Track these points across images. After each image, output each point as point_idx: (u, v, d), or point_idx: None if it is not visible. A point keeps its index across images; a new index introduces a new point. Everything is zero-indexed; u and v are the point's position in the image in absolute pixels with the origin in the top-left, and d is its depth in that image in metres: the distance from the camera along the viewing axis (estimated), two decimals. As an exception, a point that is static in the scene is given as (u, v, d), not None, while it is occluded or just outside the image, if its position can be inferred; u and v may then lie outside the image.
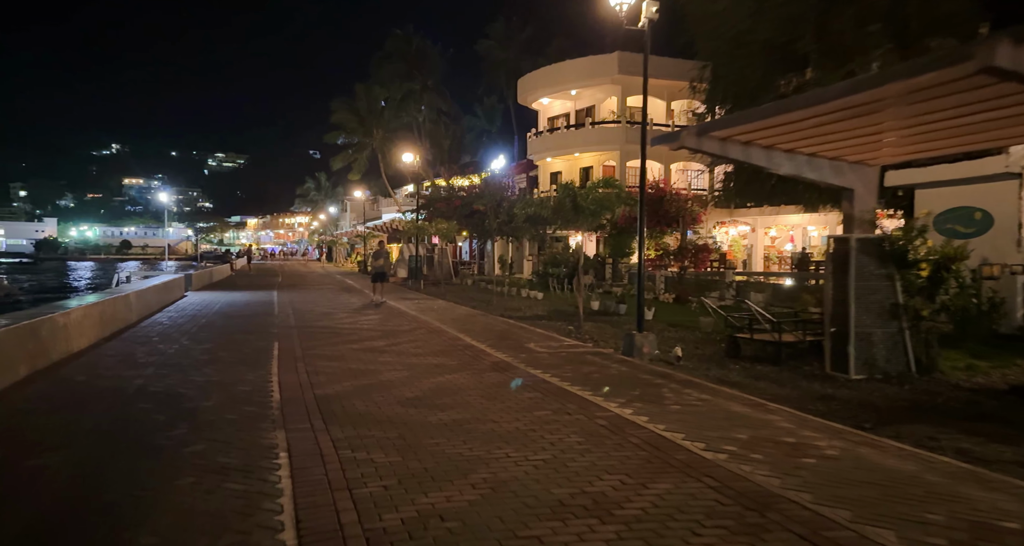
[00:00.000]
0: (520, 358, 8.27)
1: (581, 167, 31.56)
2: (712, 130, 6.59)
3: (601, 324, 12.23)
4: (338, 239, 64.01)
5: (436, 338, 10.29)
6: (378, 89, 43.67)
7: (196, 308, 15.18)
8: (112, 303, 10.47)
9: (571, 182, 10.77)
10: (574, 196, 10.57)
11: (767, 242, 31.85)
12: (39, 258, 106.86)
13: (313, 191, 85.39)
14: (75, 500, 3.56)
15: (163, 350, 8.78)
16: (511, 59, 46.60)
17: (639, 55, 28.10)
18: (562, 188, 10.75)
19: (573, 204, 10.67)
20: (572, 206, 10.71)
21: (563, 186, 10.77)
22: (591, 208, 10.57)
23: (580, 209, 10.65)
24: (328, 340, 10.02)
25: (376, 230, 44.71)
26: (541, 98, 32.62)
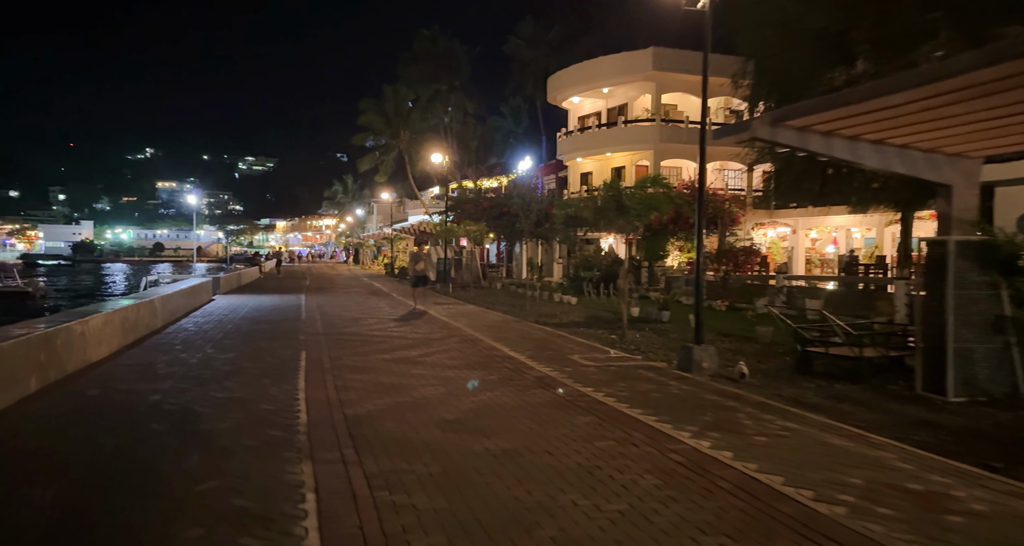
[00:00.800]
0: (566, 372, 7.54)
1: (612, 167, 30.68)
2: (790, 118, 5.80)
3: (645, 333, 11.44)
4: (364, 241, 64.04)
5: (471, 348, 9.62)
6: (405, 90, 43.39)
7: (223, 313, 14.79)
8: (135, 309, 10.04)
9: (616, 180, 10.06)
10: (619, 195, 9.84)
11: (807, 244, 30.53)
12: (76, 260, 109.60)
13: (340, 194, 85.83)
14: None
15: (185, 360, 8.27)
16: (539, 59, 45.93)
17: (675, 50, 27.20)
18: (606, 187, 10.04)
19: (618, 204, 9.93)
20: (616, 206, 9.97)
21: (607, 185, 10.06)
22: (637, 208, 9.82)
23: (625, 209, 9.91)
24: (357, 349, 9.44)
25: (402, 232, 44.42)
26: (571, 97, 31.85)
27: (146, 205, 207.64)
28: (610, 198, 9.98)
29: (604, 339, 10.56)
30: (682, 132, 27.79)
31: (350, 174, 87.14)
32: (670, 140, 27.64)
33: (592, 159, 31.34)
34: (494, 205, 27.03)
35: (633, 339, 10.39)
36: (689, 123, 27.93)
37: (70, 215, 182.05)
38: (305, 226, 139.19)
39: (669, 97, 28.53)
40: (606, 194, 10.17)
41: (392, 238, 45.26)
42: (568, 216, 17.10)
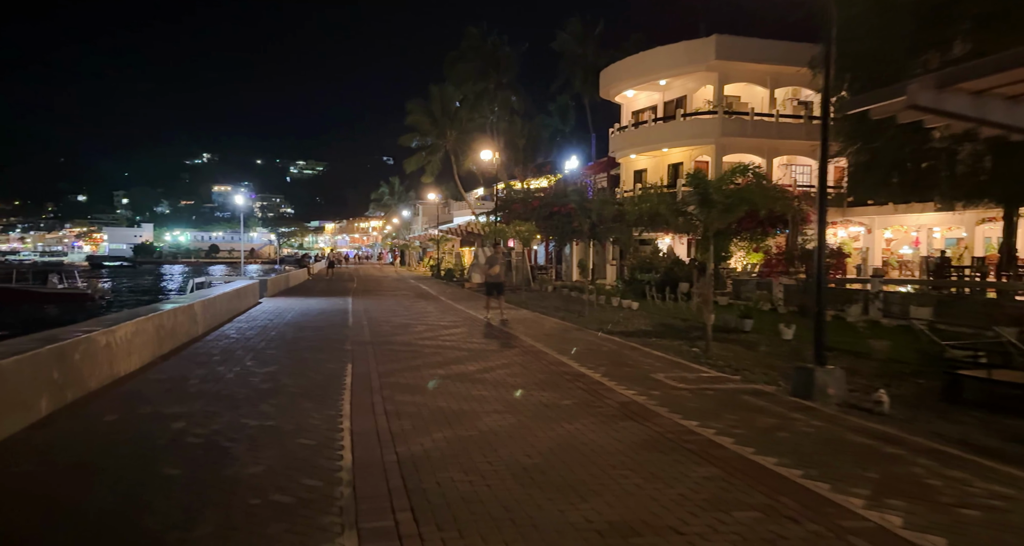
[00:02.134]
0: (654, 396, 6.32)
1: (669, 164, 29.12)
2: (967, 78, 4.45)
3: (728, 344, 10.07)
4: (410, 243, 63.89)
5: (535, 362, 8.49)
6: (452, 89, 42.69)
7: (268, 317, 14.12)
8: (172, 315, 9.32)
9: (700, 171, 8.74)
10: (706, 188, 8.54)
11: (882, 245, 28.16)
12: (136, 262, 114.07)
13: (387, 196, 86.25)
14: None
15: (221, 375, 7.43)
16: (587, 55, 44.59)
17: (739, 38, 25.43)
18: (692, 178, 8.74)
19: (703, 198, 8.63)
20: (701, 200, 8.67)
21: (692, 176, 8.76)
22: (727, 202, 8.50)
23: (711, 204, 8.60)
24: (408, 362, 8.44)
25: (448, 233, 43.75)
26: (626, 90, 30.40)
27: (202, 208, 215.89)
28: (694, 191, 8.70)
29: (684, 353, 9.26)
30: (746, 125, 26.01)
31: (396, 176, 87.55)
32: (733, 134, 25.89)
33: (647, 155, 29.81)
34: (544, 204, 25.87)
35: (719, 354, 9.05)
36: (755, 115, 26.11)
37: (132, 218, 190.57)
38: (352, 228, 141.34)
39: (732, 88, 26.78)
40: (692, 186, 8.87)
41: (438, 239, 44.66)
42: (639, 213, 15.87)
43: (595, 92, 46.23)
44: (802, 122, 26.60)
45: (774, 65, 26.02)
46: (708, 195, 8.55)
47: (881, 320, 13.01)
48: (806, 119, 26.65)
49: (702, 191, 8.60)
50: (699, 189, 8.66)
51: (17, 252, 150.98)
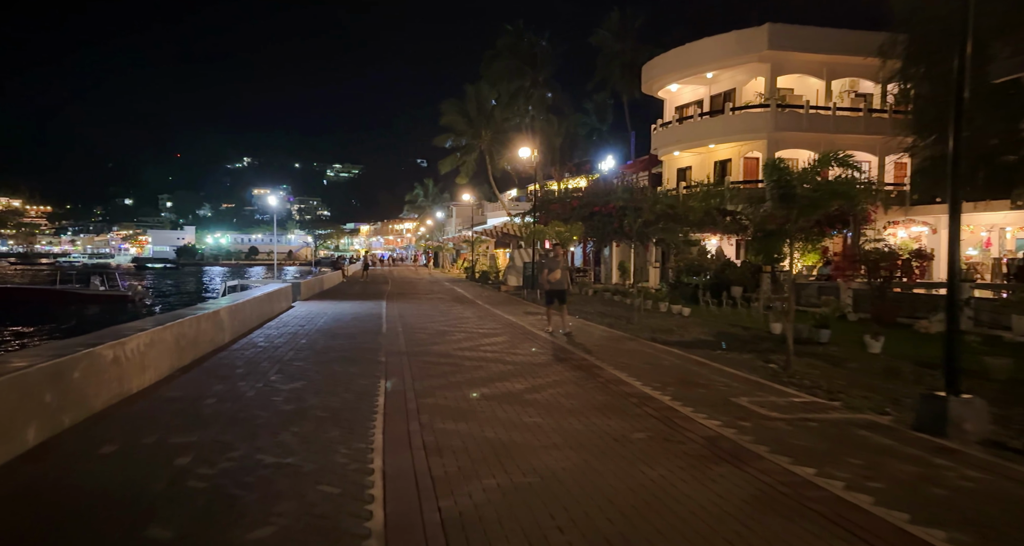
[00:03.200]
0: (744, 429, 5.26)
1: (716, 161, 27.73)
2: None
3: (808, 359, 8.89)
4: (444, 245, 63.43)
5: (590, 379, 7.49)
6: (487, 88, 42.01)
7: (299, 323, 13.46)
8: (194, 323, 8.64)
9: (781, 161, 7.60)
10: (788, 182, 7.42)
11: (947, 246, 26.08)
12: (179, 264, 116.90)
13: (421, 197, 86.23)
14: None
15: (241, 392, 6.65)
16: (626, 51, 43.29)
17: (793, 26, 23.86)
18: (769, 171, 7.62)
19: (784, 193, 7.51)
20: (782, 195, 7.55)
21: (771, 168, 7.63)
22: (812, 197, 7.36)
23: (793, 200, 7.48)
24: (448, 378, 7.53)
25: (483, 234, 42.99)
26: (669, 84, 29.09)
27: (243, 211, 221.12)
28: (774, 185, 7.59)
29: (760, 369, 8.13)
30: (801, 119, 24.45)
31: (431, 178, 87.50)
32: (786, 128, 24.38)
33: (692, 152, 28.45)
34: (584, 204, 24.81)
35: (802, 371, 7.90)
36: (810, 108, 24.53)
37: (176, 221, 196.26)
38: (387, 230, 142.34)
39: (784, 80, 25.25)
40: (768, 181, 7.75)
41: (472, 241, 43.94)
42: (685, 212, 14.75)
43: (634, 89, 44.89)
44: (860, 116, 24.93)
45: (830, 55, 24.46)
46: (791, 189, 7.42)
47: (972, 330, 11.58)
48: (865, 112, 24.96)
49: (784, 184, 7.47)
50: (780, 182, 7.53)
51: (68, 254, 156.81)
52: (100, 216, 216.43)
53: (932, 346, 9.89)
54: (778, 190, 7.64)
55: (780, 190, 7.59)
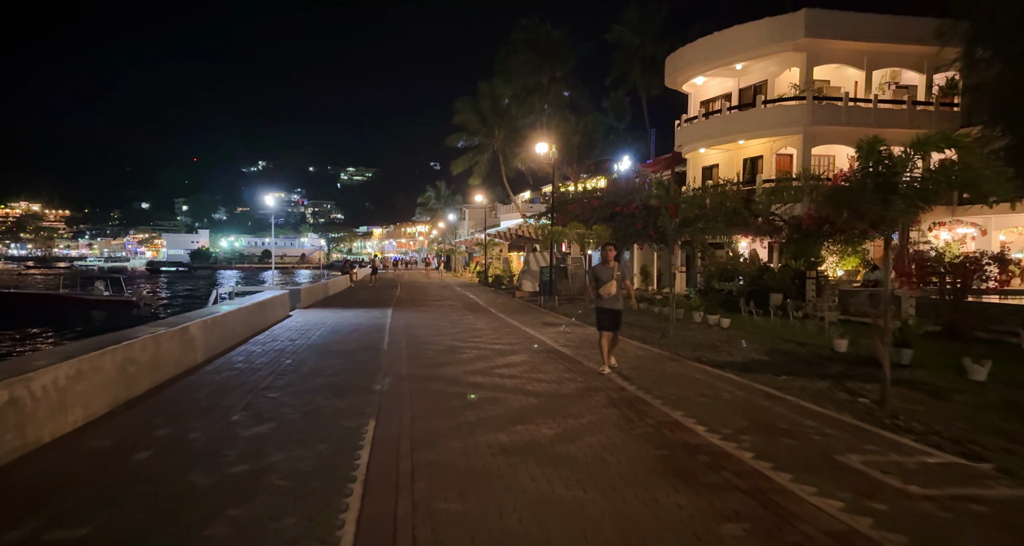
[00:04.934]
0: (882, 515, 3.63)
1: (745, 158, 25.94)
2: None
3: (895, 386, 7.19)
4: (456, 248, 62.04)
5: (637, 420, 5.88)
6: (501, 86, 40.51)
7: (291, 336, 11.98)
8: (151, 344, 7.16)
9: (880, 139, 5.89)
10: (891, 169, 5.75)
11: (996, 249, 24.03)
12: (193, 267, 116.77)
13: (433, 200, 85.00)
14: None
15: (187, 442, 5.13)
16: (646, 46, 41.69)
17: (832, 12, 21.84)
18: (867, 153, 5.95)
19: (879, 184, 5.86)
20: (876, 187, 5.90)
21: (867, 150, 5.96)
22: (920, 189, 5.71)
23: (893, 191, 5.83)
24: (456, 416, 5.97)
25: (497, 237, 41.48)
26: (694, 77, 27.34)
27: (257, 215, 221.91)
28: (869, 174, 5.90)
29: (845, 404, 6.47)
30: (839, 112, 22.61)
31: (443, 181, 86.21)
32: (824, 122, 22.54)
33: (719, 149, 26.67)
34: (605, 204, 23.15)
35: (904, 408, 6.23)
36: (850, 100, 22.70)
37: (191, 225, 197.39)
38: (400, 233, 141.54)
39: (820, 71, 23.43)
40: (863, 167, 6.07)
41: (485, 244, 42.44)
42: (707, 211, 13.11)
43: (653, 86, 43.14)
44: (904, 109, 23.03)
45: (872, 43, 22.61)
46: (894, 178, 5.77)
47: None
48: (909, 105, 23.07)
49: (878, 174, 5.82)
50: (879, 170, 5.88)
51: (85, 257, 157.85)
52: (117, 220, 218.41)
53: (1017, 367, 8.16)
54: (874, 179, 5.97)
55: (877, 179, 5.93)
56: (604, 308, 8.10)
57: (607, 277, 8.06)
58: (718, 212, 19.66)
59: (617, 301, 8.08)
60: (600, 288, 8.11)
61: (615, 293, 8.05)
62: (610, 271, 8.11)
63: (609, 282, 8.01)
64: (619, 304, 8.08)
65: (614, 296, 8.04)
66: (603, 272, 8.16)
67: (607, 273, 8.11)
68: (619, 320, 8.19)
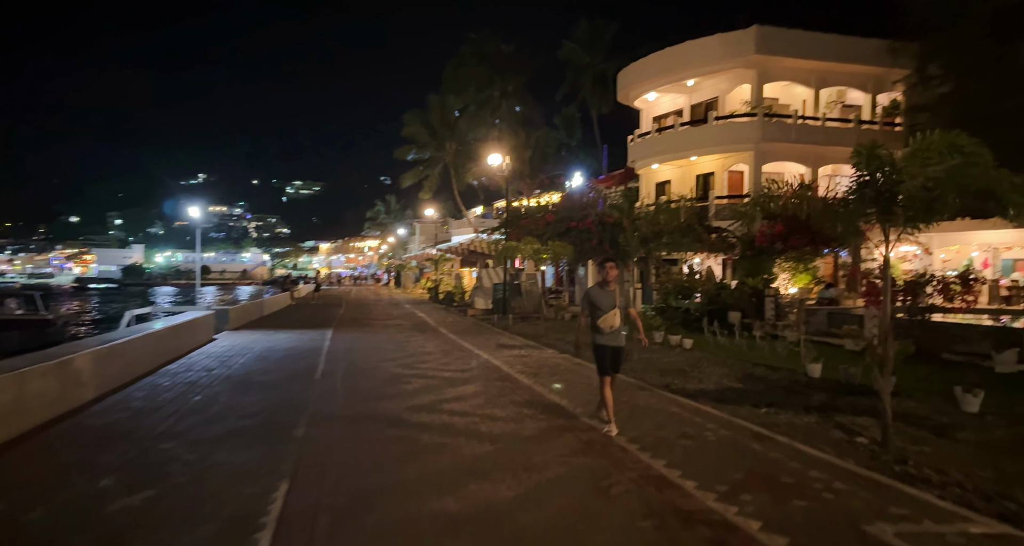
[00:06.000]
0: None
1: (698, 174, 25.79)
2: None
3: (901, 428, 6.48)
4: (406, 263, 60.41)
5: (614, 473, 4.88)
6: (452, 99, 39.64)
7: (210, 364, 10.52)
8: (9, 385, 5.72)
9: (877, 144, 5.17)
10: (890, 175, 5.04)
11: (938, 267, 24.56)
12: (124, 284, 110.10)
13: (383, 214, 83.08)
14: None
15: (20, 526, 3.81)
16: (596, 63, 41.73)
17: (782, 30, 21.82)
18: (863, 158, 5.19)
19: (882, 192, 5.14)
20: (878, 195, 5.17)
21: (863, 155, 5.20)
22: (925, 196, 5.01)
23: (894, 202, 5.13)
24: (393, 473, 4.82)
25: (448, 252, 40.29)
26: (647, 93, 27.18)
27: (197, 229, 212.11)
28: (865, 185, 5.15)
29: (843, 445, 5.68)
30: (789, 129, 22.70)
31: (394, 195, 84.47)
32: (774, 139, 22.58)
33: (672, 165, 26.48)
34: (560, 219, 22.44)
35: (907, 448, 5.48)
36: (799, 118, 22.84)
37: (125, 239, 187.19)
38: (348, 248, 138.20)
39: (770, 89, 23.54)
40: (859, 176, 5.32)
41: (436, 259, 41.18)
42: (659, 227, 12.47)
43: (604, 103, 43.19)
44: (851, 127, 23.36)
45: (820, 62, 22.89)
46: (897, 188, 5.06)
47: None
48: (855, 123, 23.43)
49: (882, 178, 5.11)
50: (876, 177, 5.16)
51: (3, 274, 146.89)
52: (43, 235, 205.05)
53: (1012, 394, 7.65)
54: (873, 187, 5.26)
55: (876, 188, 5.22)
56: (604, 345, 6.14)
57: (607, 305, 6.07)
58: (674, 228, 19.27)
59: (620, 336, 6.17)
60: (599, 319, 6.07)
61: (618, 326, 6.11)
62: (611, 296, 6.14)
63: (610, 311, 6.06)
64: (622, 339, 6.23)
65: (617, 330, 6.13)
66: (602, 298, 6.14)
67: (607, 299, 6.11)
68: (621, 359, 6.39)
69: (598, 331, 6.11)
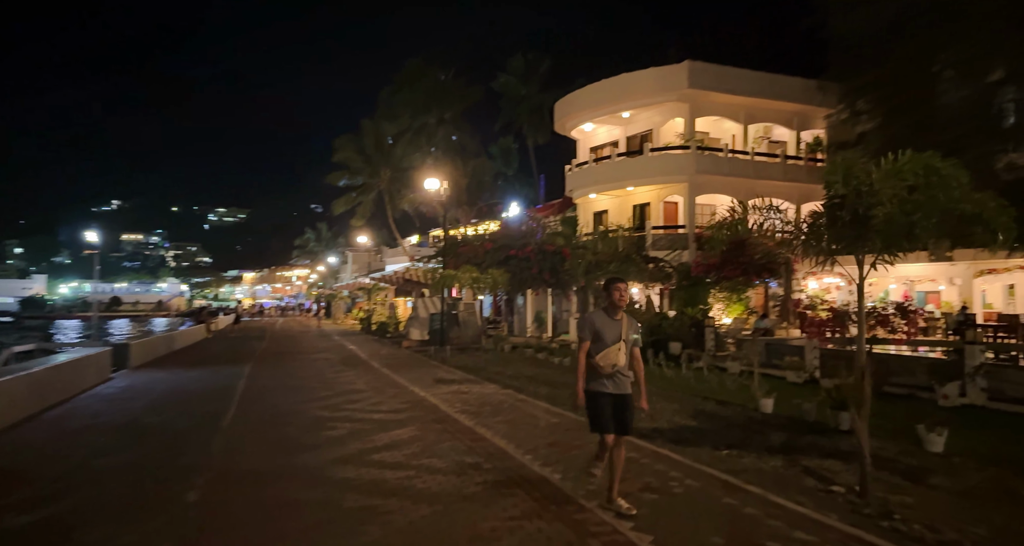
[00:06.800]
0: None
1: (635, 204, 25.99)
2: None
3: (852, 463, 6.07)
4: (337, 292, 58.13)
5: (578, 542, 4.12)
6: (387, 124, 38.84)
7: (97, 410, 9.05)
8: None
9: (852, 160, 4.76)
10: (867, 196, 4.65)
11: (858, 294, 25.47)
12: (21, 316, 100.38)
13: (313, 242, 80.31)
14: None
15: None
16: (532, 95, 42.23)
17: (713, 66, 22.50)
18: (841, 176, 4.78)
19: (855, 214, 4.78)
20: (854, 218, 4.81)
21: (841, 173, 4.81)
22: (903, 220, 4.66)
23: (866, 223, 4.76)
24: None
25: (382, 281, 38.90)
26: (583, 123, 27.38)
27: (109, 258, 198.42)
28: (843, 202, 4.78)
29: (817, 494, 5.17)
30: (721, 163, 23.26)
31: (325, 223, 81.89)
32: (707, 171, 23.05)
33: (609, 195, 26.61)
34: (499, 247, 21.89)
35: (885, 497, 5.03)
36: (730, 152, 23.47)
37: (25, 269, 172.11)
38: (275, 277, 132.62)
39: (701, 123, 24.16)
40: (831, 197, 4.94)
41: (369, 288, 39.66)
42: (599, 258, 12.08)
43: (540, 134, 43.62)
44: (778, 162, 24.24)
45: (749, 98, 23.73)
46: (871, 208, 4.70)
47: (986, 404, 9.51)
48: (782, 158, 24.34)
49: (864, 199, 4.73)
50: (852, 196, 4.79)
51: None
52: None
53: (995, 435, 7.51)
54: (849, 210, 4.88)
55: (854, 210, 4.84)
56: (604, 393, 4.57)
57: (612, 337, 4.58)
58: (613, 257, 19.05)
59: (624, 380, 4.63)
60: (598, 354, 4.55)
61: (622, 365, 4.59)
62: (617, 327, 4.63)
63: (614, 346, 4.55)
64: (627, 385, 4.65)
65: (621, 370, 4.59)
66: (608, 327, 4.61)
67: (613, 330, 4.61)
68: (630, 412, 4.63)
69: (596, 371, 4.58)
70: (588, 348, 4.61)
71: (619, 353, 4.56)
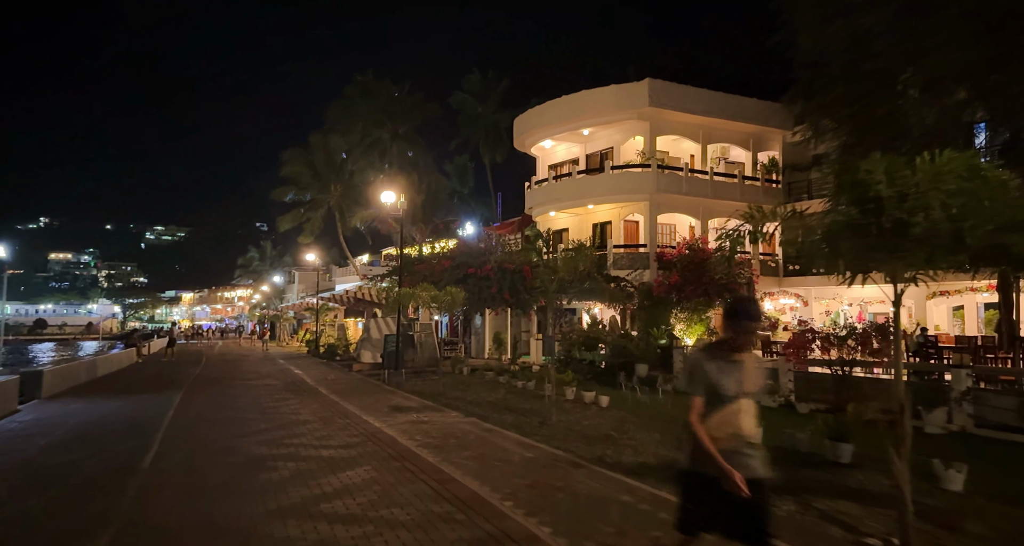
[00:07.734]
0: None
1: (595, 223, 25.62)
2: None
3: (870, 506, 5.44)
4: (283, 313, 55.54)
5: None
6: (337, 139, 37.51)
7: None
8: None
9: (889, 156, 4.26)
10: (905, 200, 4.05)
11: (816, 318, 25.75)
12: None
13: (257, 261, 77.02)
14: None
15: None
16: (488, 114, 41.79)
17: (673, 84, 22.28)
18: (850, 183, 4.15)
19: (903, 222, 4.16)
20: (897, 226, 4.19)
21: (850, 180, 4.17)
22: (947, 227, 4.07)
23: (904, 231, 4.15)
24: None
25: (331, 301, 37.14)
26: (543, 140, 26.97)
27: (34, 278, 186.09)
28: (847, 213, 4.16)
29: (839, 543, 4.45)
30: (681, 181, 23.16)
31: (270, 241, 78.76)
32: (668, 190, 22.89)
33: (569, 213, 26.15)
34: (456, 265, 20.96)
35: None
36: (690, 171, 23.41)
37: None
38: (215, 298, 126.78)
39: (661, 142, 24.08)
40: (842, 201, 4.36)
41: (317, 309, 37.80)
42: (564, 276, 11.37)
43: (497, 152, 43.17)
44: (736, 182, 24.36)
45: (707, 118, 23.83)
46: (915, 218, 4.09)
47: (975, 431, 9.16)
48: (740, 178, 24.47)
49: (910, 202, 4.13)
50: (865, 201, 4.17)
51: None
52: None
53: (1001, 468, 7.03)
54: (887, 216, 4.26)
55: (892, 214, 4.23)
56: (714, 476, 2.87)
57: (734, 389, 2.98)
58: (576, 276, 18.42)
59: (752, 457, 2.96)
60: (711, 416, 2.97)
61: (750, 435, 2.99)
62: (739, 373, 3.00)
63: (735, 403, 2.97)
64: (758, 465, 2.97)
65: (745, 441, 2.97)
66: (726, 373, 2.99)
67: (733, 378, 2.99)
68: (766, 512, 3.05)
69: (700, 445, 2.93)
70: (700, 407, 2.98)
71: (744, 415, 2.96)
